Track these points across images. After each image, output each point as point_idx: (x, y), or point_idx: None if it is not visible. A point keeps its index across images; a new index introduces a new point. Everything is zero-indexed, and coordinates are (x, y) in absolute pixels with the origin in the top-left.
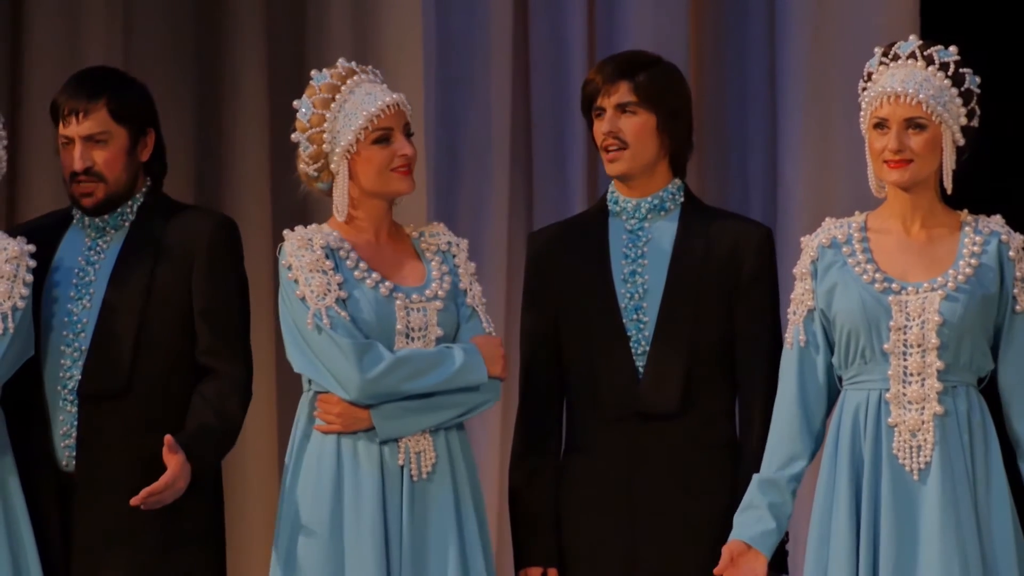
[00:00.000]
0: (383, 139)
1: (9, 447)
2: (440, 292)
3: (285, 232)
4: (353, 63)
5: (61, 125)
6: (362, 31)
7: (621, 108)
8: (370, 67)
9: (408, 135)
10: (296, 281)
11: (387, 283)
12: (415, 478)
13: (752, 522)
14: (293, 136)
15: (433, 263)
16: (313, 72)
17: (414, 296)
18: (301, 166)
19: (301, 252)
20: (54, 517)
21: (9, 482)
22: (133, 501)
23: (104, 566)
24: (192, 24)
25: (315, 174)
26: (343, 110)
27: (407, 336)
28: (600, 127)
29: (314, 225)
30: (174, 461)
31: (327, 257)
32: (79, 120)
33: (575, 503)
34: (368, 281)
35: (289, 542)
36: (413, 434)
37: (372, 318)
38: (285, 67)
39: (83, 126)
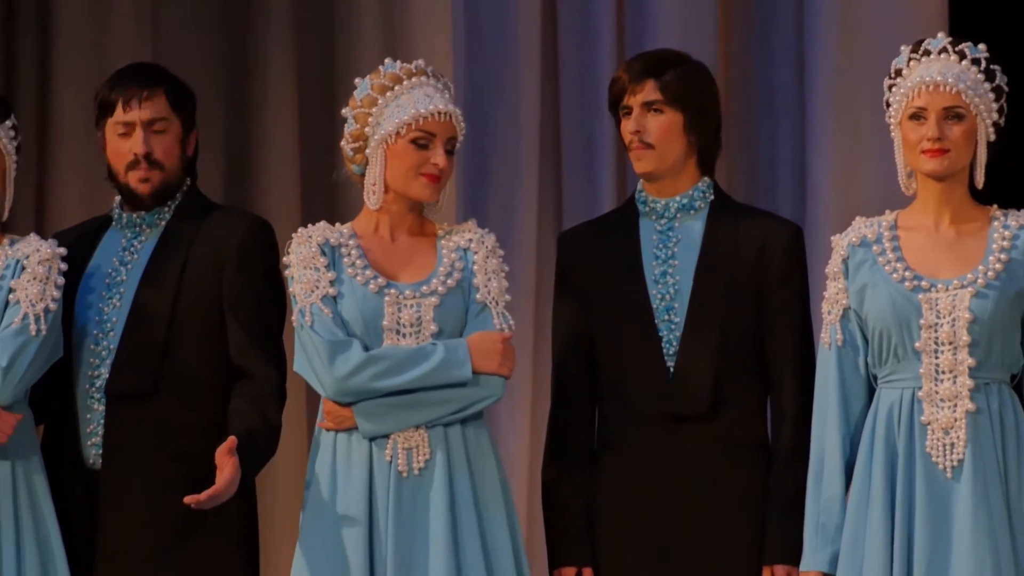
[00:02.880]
0: (421, 142)
1: (37, 445)
2: (440, 288)
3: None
4: (429, 67)
5: (120, 111)
6: (391, 32)
7: (647, 107)
8: (444, 78)
9: (449, 150)
10: (292, 277)
11: (380, 279)
12: (404, 474)
13: (824, 545)
14: (343, 111)
15: (447, 260)
16: (387, 60)
17: (407, 292)
18: (343, 142)
19: (299, 248)
20: (81, 515)
21: (36, 480)
22: (187, 499)
23: (130, 564)
24: (221, 25)
25: (351, 153)
26: (396, 101)
27: (397, 332)
28: (627, 126)
29: (323, 223)
30: (231, 464)
31: (322, 253)
32: (141, 104)
33: (607, 503)
34: (359, 278)
35: (301, 539)
36: (401, 430)
37: (357, 315)
38: (315, 69)
39: (145, 110)
